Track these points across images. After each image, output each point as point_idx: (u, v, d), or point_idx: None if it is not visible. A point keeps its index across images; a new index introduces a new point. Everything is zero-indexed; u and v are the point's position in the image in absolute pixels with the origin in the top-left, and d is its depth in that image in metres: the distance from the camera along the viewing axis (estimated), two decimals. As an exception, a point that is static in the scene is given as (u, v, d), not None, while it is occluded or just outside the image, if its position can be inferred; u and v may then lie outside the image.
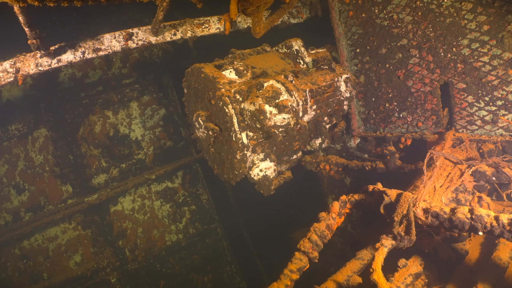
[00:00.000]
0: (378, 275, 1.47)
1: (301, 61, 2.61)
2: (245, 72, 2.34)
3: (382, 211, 1.73)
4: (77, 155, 3.88)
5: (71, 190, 3.87)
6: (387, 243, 1.64)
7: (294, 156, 2.64)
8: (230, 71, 2.33)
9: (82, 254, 3.97)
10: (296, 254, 1.82)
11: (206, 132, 2.33)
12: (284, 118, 2.07)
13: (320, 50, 2.70)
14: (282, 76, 2.17)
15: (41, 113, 3.81)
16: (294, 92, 2.12)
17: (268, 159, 2.34)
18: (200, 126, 2.38)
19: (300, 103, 2.14)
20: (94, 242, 3.96)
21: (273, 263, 4.85)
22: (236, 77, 2.32)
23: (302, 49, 2.64)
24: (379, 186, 1.83)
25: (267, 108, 2.05)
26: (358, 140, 2.78)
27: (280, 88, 2.12)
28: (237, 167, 2.23)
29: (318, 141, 2.58)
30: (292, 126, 2.12)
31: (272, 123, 2.06)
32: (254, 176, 2.35)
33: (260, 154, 2.30)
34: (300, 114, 2.18)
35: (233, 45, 2.77)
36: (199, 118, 2.37)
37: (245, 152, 2.19)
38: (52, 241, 3.94)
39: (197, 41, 2.84)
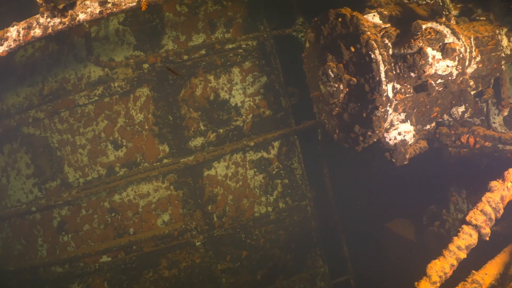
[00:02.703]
0: None
1: (447, 13, 2.27)
2: (388, 18, 2.07)
3: None
4: (176, 116, 3.84)
5: (167, 150, 3.84)
6: None
7: (428, 126, 2.33)
8: (374, 15, 2.07)
9: (171, 214, 3.96)
10: (465, 228, 1.50)
11: (336, 85, 2.09)
12: (447, 66, 1.77)
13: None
14: (444, 18, 1.87)
15: (145, 72, 3.79)
16: (461, 36, 1.80)
17: (409, 121, 2.06)
18: (329, 79, 2.14)
19: (468, 50, 1.82)
20: (184, 204, 3.93)
21: (361, 251, 4.57)
22: (381, 21, 2.05)
23: (447, 0, 2.30)
24: None
25: (430, 51, 1.75)
26: (506, 113, 2.39)
27: (443, 30, 1.81)
28: (375, 126, 1.97)
29: (461, 109, 2.24)
30: (454, 77, 1.81)
31: (433, 71, 1.77)
32: (390, 140, 2.08)
33: (401, 114, 2.02)
34: (466, 63, 1.86)
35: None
36: (329, 70, 2.13)
37: (388, 108, 1.92)
38: (143, 198, 3.95)
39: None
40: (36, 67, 4.07)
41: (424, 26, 1.89)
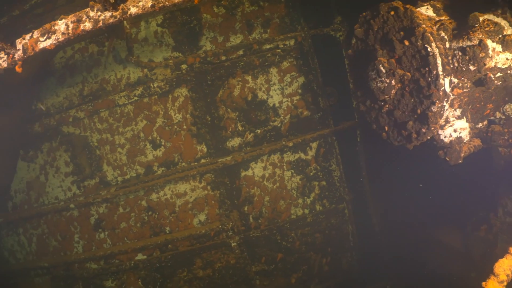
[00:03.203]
0: None
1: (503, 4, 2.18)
2: (442, 11, 2.00)
3: None
4: (214, 116, 3.84)
5: (205, 150, 3.85)
6: None
7: (480, 124, 2.23)
8: (427, 8, 2.00)
9: (207, 214, 3.96)
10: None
11: (388, 81, 2.03)
12: (507, 59, 1.71)
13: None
14: (499, 11, 1.79)
15: (183, 73, 3.81)
16: (523, 28, 1.73)
17: (464, 117, 1.98)
18: (379, 75, 2.08)
19: (531, 42, 1.74)
20: (220, 204, 3.91)
21: (399, 257, 4.44)
22: (434, 14, 1.98)
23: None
24: None
25: (490, 43, 1.68)
26: None
27: (500, 23, 1.74)
28: (431, 122, 1.89)
29: (516, 106, 2.14)
30: (514, 71, 1.73)
31: (493, 64, 1.70)
32: (445, 137, 2.00)
33: (457, 110, 1.94)
34: (528, 56, 1.78)
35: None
36: (380, 65, 2.07)
37: (444, 103, 1.85)
38: (180, 197, 3.96)
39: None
40: (76, 68, 4.16)
41: (481, 18, 1.82)
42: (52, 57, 4.19)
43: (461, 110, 1.93)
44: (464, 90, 1.84)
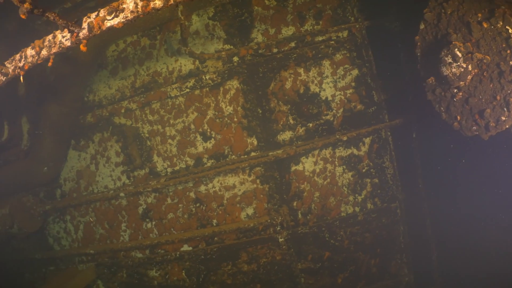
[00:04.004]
0: None
1: None
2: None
3: None
4: (266, 109, 3.80)
5: (255, 143, 3.80)
6: None
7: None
8: (510, -11, 1.86)
9: (255, 208, 3.91)
10: None
11: (465, 66, 1.90)
12: None
13: None
14: None
15: (235, 65, 3.78)
16: None
17: (550, 104, 1.82)
18: (455, 60, 1.95)
19: None
20: (269, 198, 3.85)
21: (452, 261, 4.23)
22: (518, -4, 1.84)
23: None
24: None
25: None
26: None
27: None
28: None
29: None
30: None
31: None
32: (528, 125, 1.86)
33: (542, 96, 1.80)
34: None
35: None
36: (456, 50, 1.95)
37: (529, 88, 1.71)
38: (228, 190, 3.94)
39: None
40: (128, 61, 4.23)
41: None
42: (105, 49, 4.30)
43: (546, 97, 1.78)
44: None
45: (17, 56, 2.30)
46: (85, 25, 1.97)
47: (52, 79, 4.13)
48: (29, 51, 2.20)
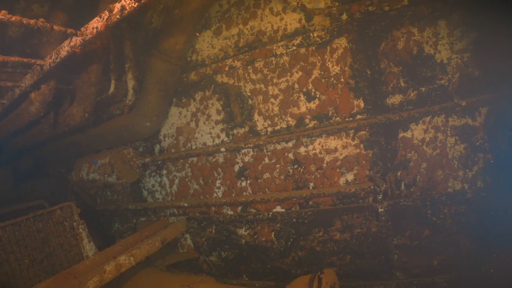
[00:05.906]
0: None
1: None
2: None
3: None
4: (375, 70, 3.61)
5: (362, 105, 3.64)
6: None
7: None
8: None
9: (356, 174, 3.75)
10: None
11: None
12: None
13: None
14: None
15: (343, 23, 3.63)
16: None
17: None
18: None
19: None
20: (372, 165, 3.68)
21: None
22: None
23: None
24: None
25: None
26: None
27: None
28: None
29: None
30: None
31: None
32: None
33: None
34: None
35: None
36: None
37: None
38: (329, 153, 3.83)
39: None
40: (231, 21, 4.24)
41: None
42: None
43: None
44: None
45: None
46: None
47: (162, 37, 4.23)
48: None
